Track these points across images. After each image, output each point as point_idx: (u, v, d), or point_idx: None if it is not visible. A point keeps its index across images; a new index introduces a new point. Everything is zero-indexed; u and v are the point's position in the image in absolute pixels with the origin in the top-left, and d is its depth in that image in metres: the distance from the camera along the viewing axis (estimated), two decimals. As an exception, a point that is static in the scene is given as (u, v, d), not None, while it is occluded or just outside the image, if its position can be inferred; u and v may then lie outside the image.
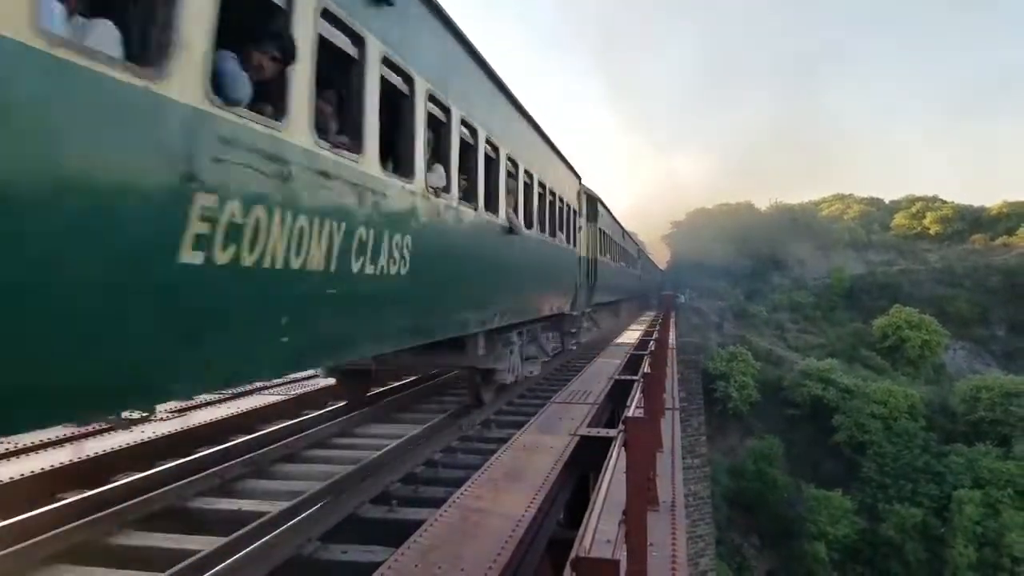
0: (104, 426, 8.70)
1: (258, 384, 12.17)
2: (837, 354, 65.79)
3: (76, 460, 7.39)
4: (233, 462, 7.66)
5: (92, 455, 7.63)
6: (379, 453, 8.30)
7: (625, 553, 3.63)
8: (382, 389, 12.75)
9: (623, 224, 34.08)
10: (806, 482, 51.13)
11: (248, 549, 5.24)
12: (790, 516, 49.33)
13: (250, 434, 9.14)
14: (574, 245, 17.12)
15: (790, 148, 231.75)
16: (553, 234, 14.16)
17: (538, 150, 13.00)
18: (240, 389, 11.67)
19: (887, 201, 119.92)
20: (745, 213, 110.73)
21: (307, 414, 10.78)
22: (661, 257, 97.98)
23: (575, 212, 17.35)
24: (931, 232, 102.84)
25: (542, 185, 12.92)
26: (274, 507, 6.25)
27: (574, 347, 19.24)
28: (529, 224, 11.88)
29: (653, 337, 16.31)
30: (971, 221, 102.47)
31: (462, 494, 5.86)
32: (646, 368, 10.49)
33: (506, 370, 11.58)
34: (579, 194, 18.18)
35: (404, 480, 7.75)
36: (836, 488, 49.97)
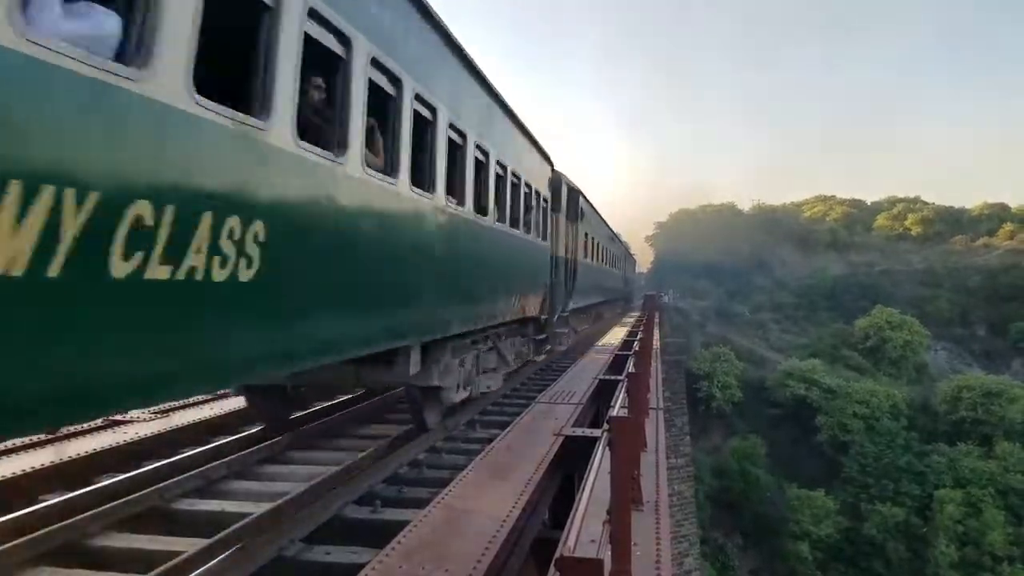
0: (86, 427, 8.67)
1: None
2: (819, 354, 66.48)
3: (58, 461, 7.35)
4: (216, 463, 7.62)
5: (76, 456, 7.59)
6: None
7: (609, 552, 3.65)
8: (314, 409, 10.74)
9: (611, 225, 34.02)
10: (788, 482, 51.50)
11: (231, 551, 5.23)
12: (773, 515, 49.68)
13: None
14: (544, 239, 14.97)
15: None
16: (515, 224, 12.26)
17: (493, 119, 10.81)
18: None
19: (869, 203, 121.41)
20: (728, 214, 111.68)
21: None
22: (645, 258, 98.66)
23: (546, 201, 15.18)
24: (913, 233, 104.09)
25: (501, 165, 11.04)
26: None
27: (546, 354, 17.19)
28: (481, 210, 10.06)
29: (637, 337, 16.31)
30: (952, 222, 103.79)
31: (446, 494, 5.86)
32: (630, 368, 10.52)
33: (453, 387, 9.54)
34: (553, 182, 16.17)
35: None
36: (819, 488, 50.39)
